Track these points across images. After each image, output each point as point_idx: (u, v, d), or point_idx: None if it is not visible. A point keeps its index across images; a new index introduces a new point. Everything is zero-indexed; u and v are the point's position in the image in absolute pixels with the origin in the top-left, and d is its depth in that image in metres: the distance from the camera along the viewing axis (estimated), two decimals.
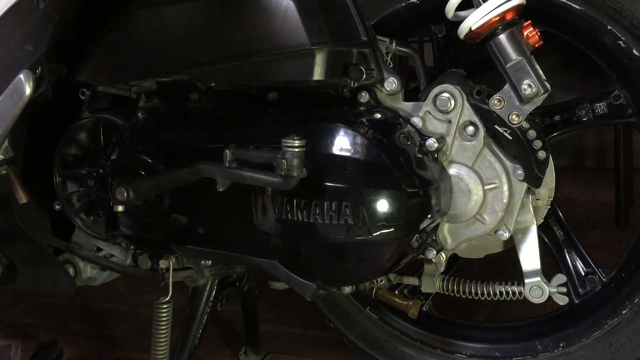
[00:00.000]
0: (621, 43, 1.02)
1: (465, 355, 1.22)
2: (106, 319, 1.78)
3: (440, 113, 1.01)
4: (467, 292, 1.11)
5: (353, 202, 0.92)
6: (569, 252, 1.18)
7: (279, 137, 0.92)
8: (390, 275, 1.15)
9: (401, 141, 0.97)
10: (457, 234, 1.05)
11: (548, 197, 1.07)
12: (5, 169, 1.17)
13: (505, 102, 0.98)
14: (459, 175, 1.02)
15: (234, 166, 0.96)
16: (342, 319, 1.32)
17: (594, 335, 1.12)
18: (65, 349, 1.51)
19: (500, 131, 1.00)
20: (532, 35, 0.97)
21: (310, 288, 1.01)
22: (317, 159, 0.94)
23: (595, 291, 1.16)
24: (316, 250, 0.96)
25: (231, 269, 1.26)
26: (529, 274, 1.06)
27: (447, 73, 1.05)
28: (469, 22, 0.97)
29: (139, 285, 1.97)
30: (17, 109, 1.06)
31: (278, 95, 1.09)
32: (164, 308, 1.16)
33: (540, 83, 0.95)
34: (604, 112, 1.10)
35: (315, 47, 0.95)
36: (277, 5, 0.96)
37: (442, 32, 1.18)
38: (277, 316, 1.74)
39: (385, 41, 1.08)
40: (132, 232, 1.15)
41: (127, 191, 1.05)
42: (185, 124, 1.12)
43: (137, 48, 1.06)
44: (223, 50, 1.00)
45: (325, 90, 1.05)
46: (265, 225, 0.99)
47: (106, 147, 1.23)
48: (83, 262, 1.29)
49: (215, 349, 1.54)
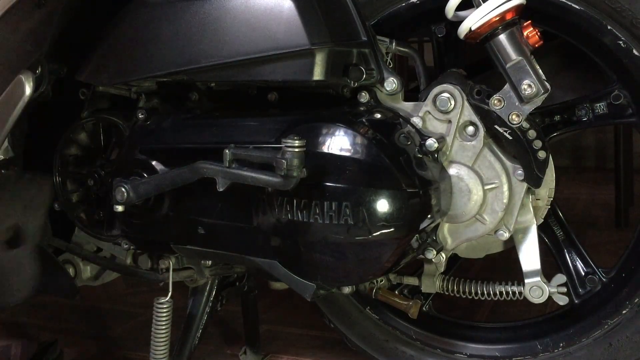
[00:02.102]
0: (621, 43, 1.02)
1: (465, 355, 1.22)
2: (106, 319, 1.78)
3: (440, 113, 1.01)
4: (467, 292, 1.11)
5: (353, 202, 0.92)
6: (569, 252, 1.18)
7: (279, 137, 0.92)
8: (390, 275, 1.15)
9: (401, 141, 0.97)
10: (457, 234, 1.05)
11: (548, 197, 1.07)
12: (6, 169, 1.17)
13: (505, 102, 0.98)
14: (459, 175, 1.02)
15: (234, 166, 0.95)
16: (342, 319, 1.32)
17: (594, 335, 1.12)
18: (65, 349, 1.51)
19: (500, 131, 1.00)
20: (532, 35, 0.97)
21: (310, 288, 1.01)
22: (317, 159, 0.94)
23: (595, 291, 1.16)
24: (316, 251, 0.96)
25: (231, 269, 1.26)
26: (529, 274, 1.06)
27: (447, 73, 1.05)
28: (469, 22, 0.97)
29: (139, 285, 1.97)
30: (17, 109, 1.06)
31: (278, 95, 1.09)
32: (163, 308, 1.16)
33: (540, 83, 0.95)
34: (604, 112, 1.10)
35: (315, 47, 0.95)
36: (277, 5, 0.96)
37: (442, 32, 1.18)
38: (277, 316, 1.74)
39: (385, 41, 1.09)
40: (132, 232, 1.15)
41: (127, 191, 1.06)
42: (185, 124, 1.12)
43: (137, 48, 1.06)
44: (223, 50, 1.00)
45: (325, 90, 1.05)
46: (265, 226, 0.99)
47: (106, 147, 1.23)
48: (83, 262, 1.29)
49: (215, 349, 1.54)
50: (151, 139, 1.12)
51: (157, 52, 1.04)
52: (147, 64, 1.05)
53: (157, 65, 1.05)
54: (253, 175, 0.93)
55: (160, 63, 1.04)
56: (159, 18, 1.04)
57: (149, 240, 1.16)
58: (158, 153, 1.10)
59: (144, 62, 1.06)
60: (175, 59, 1.03)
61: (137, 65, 1.06)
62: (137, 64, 1.06)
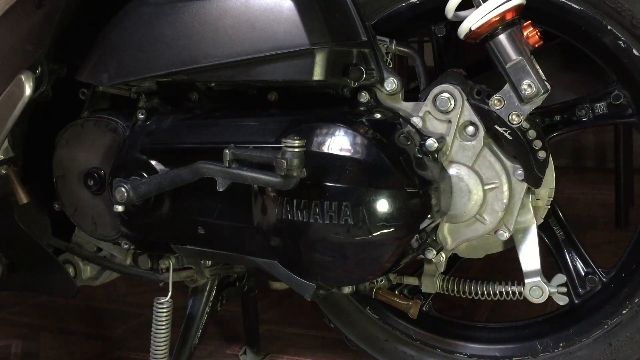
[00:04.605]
0: (621, 43, 1.02)
1: (465, 355, 1.22)
2: (106, 319, 1.79)
3: (440, 113, 1.01)
4: (467, 292, 1.11)
5: (353, 202, 0.92)
6: (569, 252, 1.18)
7: (279, 137, 0.92)
8: (390, 275, 1.15)
9: (401, 141, 0.97)
10: (457, 234, 1.05)
11: (548, 197, 1.07)
12: (5, 169, 1.17)
13: (505, 102, 0.98)
14: (459, 175, 1.02)
15: (234, 166, 0.95)
16: (342, 319, 1.32)
17: (594, 335, 1.12)
18: (66, 349, 1.51)
19: (500, 131, 1.00)
20: (532, 35, 0.97)
21: (310, 288, 1.01)
22: (317, 159, 0.94)
23: (595, 291, 1.16)
24: (316, 251, 0.96)
25: (231, 269, 1.26)
26: (529, 274, 1.06)
27: (447, 73, 1.05)
28: (469, 22, 0.97)
29: (139, 285, 1.98)
30: (17, 109, 1.06)
31: (278, 95, 1.09)
32: (163, 308, 1.16)
33: (540, 83, 0.95)
34: (604, 112, 1.10)
35: (315, 47, 0.95)
36: (277, 5, 0.96)
37: (442, 32, 1.18)
38: (277, 316, 1.74)
39: (385, 41, 1.08)
40: (132, 232, 1.15)
41: (127, 191, 1.06)
42: (185, 124, 1.12)
43: (137, 48, 1.06)
44: (223, 50, 1.00)
45: (325, 90, 1.05)
46: (265, 226, 0.99)
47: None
48: (83, 262, 1.29)
49: (215, 349, 1.54)
50: (151, 139, 1.12)
51: (157, 52, 1.04)
52: (147, 64, 1.05)
53: (157, 65, 1.05)
54: (253, 175, 0.93)
55: (160, 63, 1.04)
56: (159, 18, 1.04)
57: (149, 240, 1.16)
58: (158, 153, 1.10)
59: (144, 62, 1.06)
60: (175, 59, 1.03)
61: (137, 65, 1.06)
62: (137, 64, 1.06)
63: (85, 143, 1.19)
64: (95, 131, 1.18)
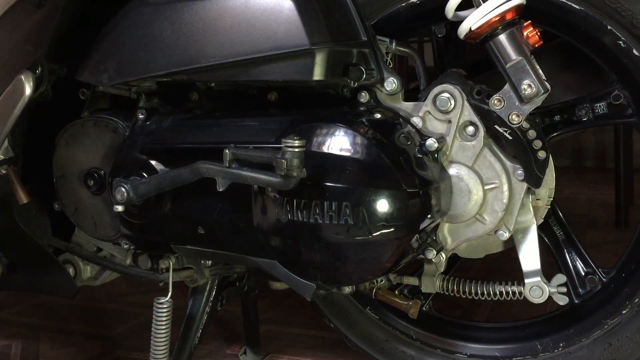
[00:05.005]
0: (621, 43, 1.02)
1: (465, 355, 1.22)
2: (106, 319, 1.78)
3: (440, 113, 1.01)
4: (467, 292, 1.11)
5: (353, 202, 0.92)
6: (569, 252, 1.18)
7: (279, 137, 0.92)
8: (390, 275, 1.15)
9: (401, 141, 0.97)
10: (457, 234, 1.05)
11: (548, 197, 1.07)
12: (5, 169, 1.17)
13: (505, 102, 0.98)
14: (459, 175, 1.02)
15: (234, 166, 0.95)
16: (342, 319, 1.32)
17: (594, 335, 1.12)
18: (65, 349, 1.51)
19: (500, 131, 1.00)
20: (532, 35, 0.97)
21: (310, 288, 1.01)
22: (317, 159, 0.94)
23: (595, 291, 1.16)
24: (316, 251, 0.96)
25: (231, 269, 1.26)
26: (529, 274, 1.06)
27: (447, 73, 1.05)
28: (469, 22, 0.97)
29: (139, 285, 1.97)
30: (17, 109, 1.06)
31: (278, 95, 1.09)
32: (163, 308, 1.16)
33: (540, 83, 0.95)
34: (604, 112, 1.10)
35: (315, 47, 0.95)
36: (277, 5, 0.96)
37: (442, 32, 1.18)
38: (277, 316, 1.74)
39: (385, 41, 1.08)
40: (132, 232, 1.15)
41: (127, 191, 1.06)
42: (185, 124, 1.12)
43: (137, 48, 1.06)
44: (223, 50, 1.00)
45: (325, 90, 1.05)
46: (265, 225, 0.99)
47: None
48: (83, 262, 1.29)
49: (215, 349, 1.54)
50: (151, 139, 1.12)
51: (157, 52, 1.04)
52: (147, 64, 1.05)
53: (157, 65, 1.05)
54: (253, 175, 0.93)
55: (160, 63, 1.04)
56: (159, 18, 1.04)
57: (149, 240, 1.16)
58: (158, 153, 1.10)
59: (143, 62, 1.06)
60: (175, 59, 1.03)
61: (137, 65, 1.06)
62: (137, 64, 1.06)
63: (85, 143, 1.19)
64: (95, 131, 1.18)
